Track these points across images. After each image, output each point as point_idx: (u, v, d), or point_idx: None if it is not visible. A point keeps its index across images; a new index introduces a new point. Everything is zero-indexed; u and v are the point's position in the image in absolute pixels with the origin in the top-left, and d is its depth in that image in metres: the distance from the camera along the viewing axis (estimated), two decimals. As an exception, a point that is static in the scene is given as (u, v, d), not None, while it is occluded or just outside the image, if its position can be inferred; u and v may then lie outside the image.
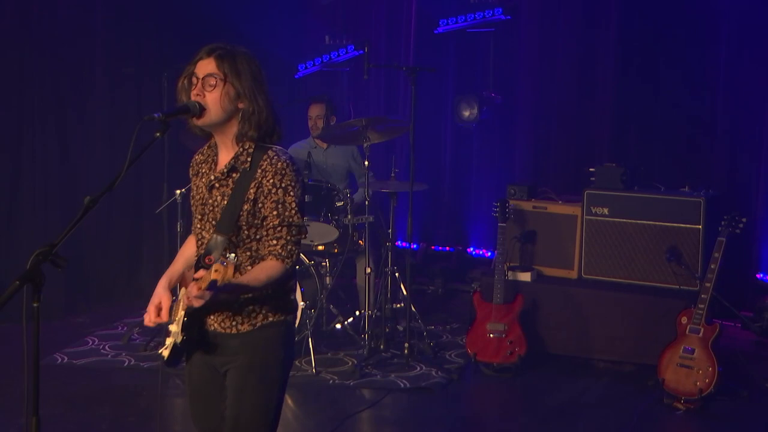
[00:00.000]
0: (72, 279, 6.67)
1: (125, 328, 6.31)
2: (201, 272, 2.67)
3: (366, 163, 5.75)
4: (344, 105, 7.64)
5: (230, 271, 2.56)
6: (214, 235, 2.77)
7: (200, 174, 2.94)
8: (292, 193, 2.76)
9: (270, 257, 2.77)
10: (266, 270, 2.75)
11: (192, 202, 2.97)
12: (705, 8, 6.62)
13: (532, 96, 7.41)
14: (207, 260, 2.71)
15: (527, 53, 7.39)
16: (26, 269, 2.29)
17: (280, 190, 2.75)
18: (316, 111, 6.55)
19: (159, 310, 2.81)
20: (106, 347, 5.94)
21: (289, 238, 2.77)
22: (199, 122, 2.80)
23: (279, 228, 2.76)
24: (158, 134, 2.66)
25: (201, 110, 2.77)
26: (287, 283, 2.89)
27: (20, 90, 6.61)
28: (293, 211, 2.77)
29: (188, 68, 2.82)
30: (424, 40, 7.70)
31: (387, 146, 7.19)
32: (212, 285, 2.57)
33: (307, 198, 5.77)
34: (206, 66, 2.80)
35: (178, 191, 5.85)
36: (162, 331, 5.98)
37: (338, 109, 6.77)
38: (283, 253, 2.76)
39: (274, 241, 2.77)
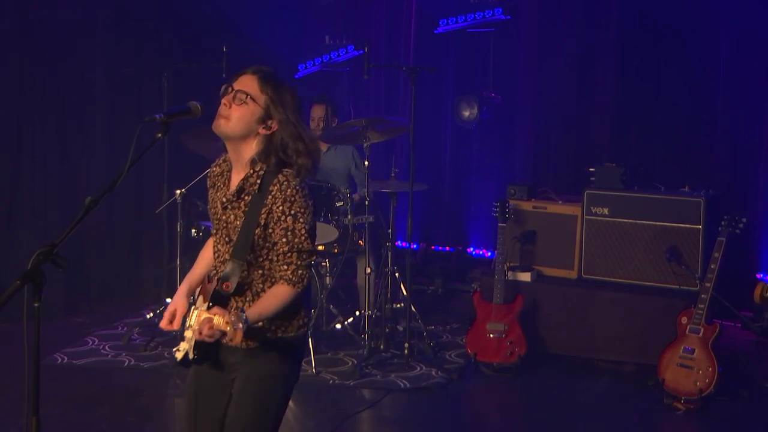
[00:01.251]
0: (72, 279, 6.67)
1: (125, 328, 6.31)
2: (216, 309, 2.67)
3: (366, 163, 5.76)
4: (344, 105, 7.65)
5: (238, 337, 2.59)
6: (230, 262, 2.81)
7: (216, 187, 2.96)
8: (301, 220, 2.77)
9: (281, 282, 2.80)
10: (278, 297, 2.78)
11: (209, 211, 3.01)
12: (705, 8, 6.62)
13: (532, 96, 7.41)
14: (225, 287, 2.78)
15: (527, 53, 7.39)
16: (27, 269, 2.29)
17: (289, 218, 2.77)
18: (318, 112, 6.55)
19: (173, 318, 2.86)
20: (106, 347, 5.94)
21: (299, 263, 2.79)
22: (213, 128, 2.81)
23: (289, 254, 2.79)
24: (159, 135, 2.66)
25: (217, 117, 2.79)
26: (296, 302, 2.88)
27: (20, 90, 6.60)
28: (303, 238, 2.78)
29: (231, 79, 2.85)
30: (424, 40, 7.70)
31: (387, 146, 7.19)
32: (222, 333, 2.62)
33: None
34: (246, 82, 2.82)
35: (178, 191, 5.85)
36: (162, 331, 5.98)
37: (338, 109, 6.77)
38: (293, 279, 2.79)
39: (285, 267, 2.79)
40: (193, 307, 2.90)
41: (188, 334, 2.85)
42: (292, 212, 2.77)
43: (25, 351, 2.29)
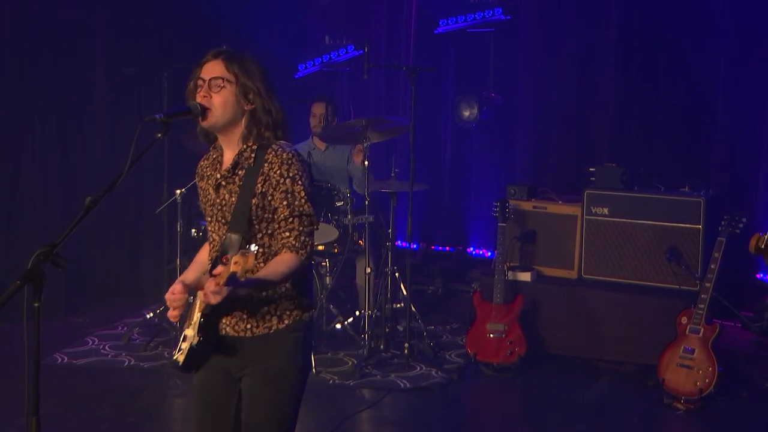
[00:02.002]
0: (72, 279, 6.67)
1: (125, 328, 6.31)
2: (219, 268, 2.63)
3: (366, 163, 5.75)
4: (344, 105, 7.65)
5: (251, 260, 2.48)
6: (228, 234, 2.75)
7: (205, 177, 2.92)
8: (300, 183, 2.74)
9: (284, 250, 2.73)
10: (282, 263, 2.71)
11: (201, 206, 2.96)
12: (705, 8, 6.62)
13: (532, 96, 7.41)
14: (224, 260, 2.68)
15: (527, 53, 7.39)
16: (27, 269, 2.29)
17: (288, 180, 2.73)
18: (319, 109, 6.58)
19: (173, 291, 2.77)
20: (106, 347, 5.94)
21: (301, 228, 2.74)
22: (205, 124, 2.79)
23: (290, 219, 2.73)
24: (159, 135, 2.66)
25: (203, 111, 2.77)
26: (302, 282, 2.83)
27: (20, 90, 6.61)
28: (303, 200, 2.74)
29: (195, 72, 2.83)
30: (424, 40, 7.70)
31: (387, 146, 7.19)
32: (231, 279, 2.52)
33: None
34: (213, 68, 2.80)
35: (178, 191, 5.86)
36: (162, 331, 5.99)
37: (338, 109, 6.78)
38: (296, 245, 2.72)
39: (287, 233, 2.73)
40: (191, 305, 2.88)
41: (189, 332, 2.83)
42: (290, 174, 2.73)
43: (25, 351, 2.29)
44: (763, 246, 3.19)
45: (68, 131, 6.89)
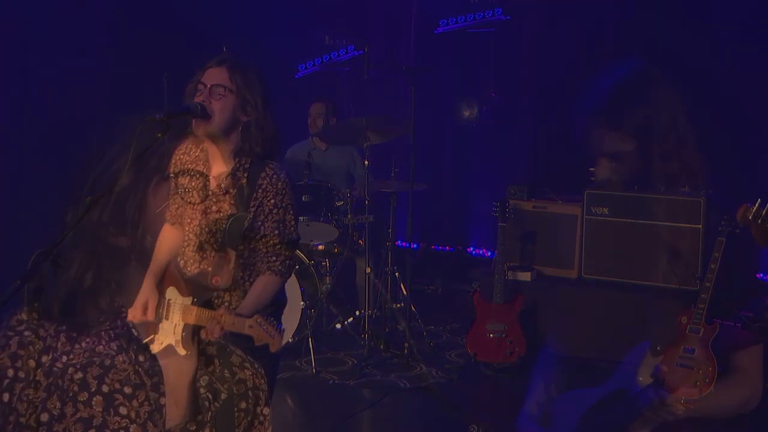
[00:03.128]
0: (72, 279, 6.65)
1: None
2: (221, 311, 2.75)
3: (366, 163, 5.76)
4: (344, 105, 7.65)
5: (278, 342, 2.66)
6: (218, 255, 2.86)
7: (190, 174, 2.96)
8: (291, 212, 2.89)
9: (268, 272, 2.88)
10: (269, 290, 2.87)
11: (174, 197, 3.00)
12: (705, 7, 6.62)
13: (532, 96, 7.41)
14: (215, 281, 2.84)
15: (527, 53, 7.39)
16: (27, 269, 2.29)
17: (281, 210, 2.86)
18: (316, 109, 6.60)
19: (146, 309, 2.84)
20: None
21: (287, 254, 2.89)
22: (201, 130, 2.80)
23: (278, 245, 2.87)
24: (159, 135, 2.67)
25: (204, 114, 2.78)
26: None
27: (20, 90, 6.60)
28: (291, 228, 2.90)
29: (196, 75, 2.85)
30: (424, 40, 7.70)
31: (387, 146, 7.17)
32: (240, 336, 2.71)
33: (306, 198, 5.78)
34: (216, 75, 2.83)
35: (178, 191, 5.85)
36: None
37: (338, 109, 6.78)
38: (282, 269, 2.88)
39: (274, 258, 2.87)
40: (168, 300, 2.91)
41: (166, 326, 2.87)
42: (284, 204, 2.86)
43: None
44: (750, 217, 3.17)
45: (69, 131, 6.87)
